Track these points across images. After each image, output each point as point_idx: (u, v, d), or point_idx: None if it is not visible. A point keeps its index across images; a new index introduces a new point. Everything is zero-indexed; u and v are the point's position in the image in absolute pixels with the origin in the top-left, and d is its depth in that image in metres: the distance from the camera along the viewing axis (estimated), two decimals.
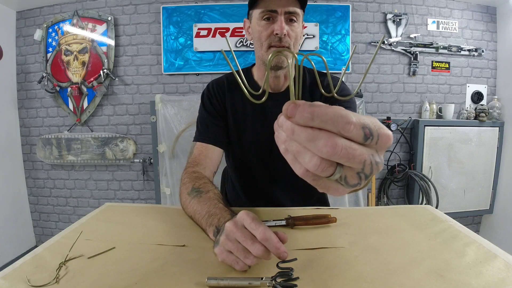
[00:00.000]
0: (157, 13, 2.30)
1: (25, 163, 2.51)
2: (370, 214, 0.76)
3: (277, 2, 0.76)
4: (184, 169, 0.82)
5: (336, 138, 0.24)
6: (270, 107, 0.89)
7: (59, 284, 0.46)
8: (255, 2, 0.79)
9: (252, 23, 0.83)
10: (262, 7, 0.77)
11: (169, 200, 2.24)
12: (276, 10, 0.76)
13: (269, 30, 0.77)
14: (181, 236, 0.63)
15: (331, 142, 0.24)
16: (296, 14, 0.78)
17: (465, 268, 0.48)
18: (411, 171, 2.28)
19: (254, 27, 0.81)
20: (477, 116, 2.31)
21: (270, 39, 0.78)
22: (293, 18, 0.78)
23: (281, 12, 0.76)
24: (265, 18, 0.78)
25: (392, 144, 2.19)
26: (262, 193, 0.94)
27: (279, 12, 0.76)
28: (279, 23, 0.76)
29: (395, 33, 2.32)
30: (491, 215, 2.44)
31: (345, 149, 0.24)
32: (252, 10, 0.82)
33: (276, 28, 0.76)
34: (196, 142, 0.89)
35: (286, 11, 0.76)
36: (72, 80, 2.34)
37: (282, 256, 0.45)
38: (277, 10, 0.76)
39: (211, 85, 0.93)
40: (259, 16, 0.79)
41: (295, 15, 0.78)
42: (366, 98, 2.35)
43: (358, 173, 0.26)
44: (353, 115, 0.24)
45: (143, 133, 2.41)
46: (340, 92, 0.83)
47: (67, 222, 2.51)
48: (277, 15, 0.76)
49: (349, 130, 0.24)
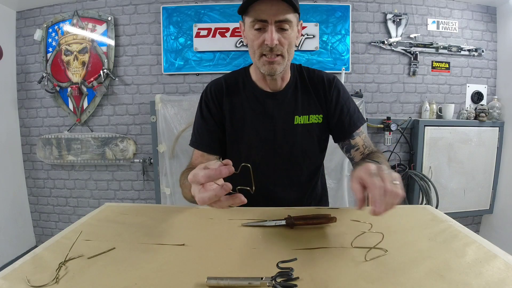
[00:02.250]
0: (157, 13, 2.30)
1: (25, 163, 2.51)
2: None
3: (267, 11, 0.73)
4: (182, 172, 0.87)
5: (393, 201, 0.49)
6: (270, 106, 0.89)
7: (59, 284, 0.46)
8: (245, 9, 0.77)
9: (245, 29, 0.82)
10: (252, 16, 0.76)
11: (169, 200, 2.24)
12: (267, 20, 0.74)
13: (260, 40, 0.76)
14: (181, 236, 0.63)
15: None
16: (287, 21, 0.75)
17: (465, 268, 0.48)
18: (411, 171, 2.28)
19: (247, 34, 0.81)
20: (477, 116, 2.31)
21: (262, 48, 0.77)
22: (284, 26, 0.76)
23: (272, 21, 0.74)
24: (256, 28, 0.76)
25: (392, 144, 2.19)
26: (262, 193, 0.94)
27: (269, 21, 0.74)
28: (270, 33, 0.74)
29: (395, 33, 2.32)
30: (491, 215, 2.44)
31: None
32: (243, 16, 0.81)
33: (266, 39, 0.75)
34: (195, 148, 0.92)
35: (276, 20, 0.74)
36: (72, 80, 2.34)
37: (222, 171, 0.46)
38: (267, 20, 0.74)
39: (209, 88, 0.93)
40: (251, 25, 0.77)
41: (287, 22, 0.75)
42: (366, 98, 2.35)
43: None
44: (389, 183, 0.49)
45: (143, 133, 2.41)
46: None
47: (67, 222, 2.51)
48: (267, 25, 0.75)
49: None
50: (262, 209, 0.79)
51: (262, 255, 0.55)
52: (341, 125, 0.90)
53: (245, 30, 0.83)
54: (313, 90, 0.91)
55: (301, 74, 0.93)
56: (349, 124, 0.90)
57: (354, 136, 0.90)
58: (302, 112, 0.90)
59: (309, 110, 0.91)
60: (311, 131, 0.91)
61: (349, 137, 0.90)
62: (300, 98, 0.91)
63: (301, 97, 0.91)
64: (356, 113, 0.92)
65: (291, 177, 0.93)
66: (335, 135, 0.94)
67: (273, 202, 0.86)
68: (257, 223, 0.70)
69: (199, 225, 0.70)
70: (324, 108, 0.91)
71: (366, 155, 0.88)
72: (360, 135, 0.91)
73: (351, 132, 0.90)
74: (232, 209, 0.81)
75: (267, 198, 0.93)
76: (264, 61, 0.79)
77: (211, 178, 0.47)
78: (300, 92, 0.91)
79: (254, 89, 0.91)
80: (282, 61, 0.80)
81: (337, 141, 0.94)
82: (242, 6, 0.76)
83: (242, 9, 0.77)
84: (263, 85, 0.90)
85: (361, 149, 0.89)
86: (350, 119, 0.90)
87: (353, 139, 0.90)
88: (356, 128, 0.90)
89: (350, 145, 0.91)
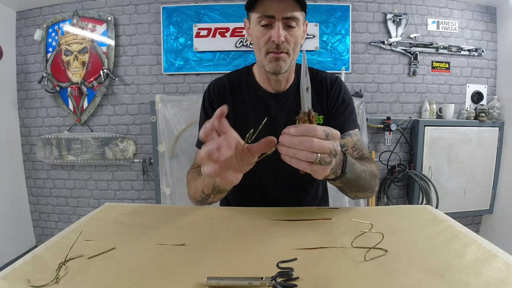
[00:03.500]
0: (157, 13, 2.30)
1: (25, 163, 2.51)
2: (370, 214, 0.76)
3: (274, 7, 0.73)
4: (187, 172, 0.86)
5: (312, 139, 0.45)
6: (273, 107, 0.89)
7: (59, 284, 0.46)
8: (252, 5, 0.76)
9: (251, 26, 0.81)
10: (260, 11, 0.75)
11: (169, 200, 2.24)
12: (274, 16, 0.74)
13: (267, 36, 0.75)
14: (181, 236, 0.63)
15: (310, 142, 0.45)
16: (295, 18, 0.75)
17: (465, 268, 0.48)
18: (411, 171, 2.28)
19: (253, 31, 0.80)
20: (477, 116, 2.31)
21: (268, 45, 0.76)
22: (291, 23, 0.75)
23: (279, 17, 0.73)
24: (263, 24, 0.75)
25: (392, 144, 2.19)
26: (263, 193, 0.94)
27: (276, 17, 0.73)
28: (276, 30, 0.73)
29: (395, 33, 2.32)
30: (491, 215, 2.44)
31: (317, 143, 0.45)
32: (250, 12, 0.80)
33: (273, 35, 0.74)
34: (198, 149, 0.90)
35: (284, 17, 0.74)
36: (72, 80, 2.34)
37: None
38: (274, 15, 0.73)
39: (212, 87, 0.92)
40: (257, 21, 0.76)
41: (294, 19, 0.75)
42: (366, 98, 2.35)
43: (329, 154, 0.47)
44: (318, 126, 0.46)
45: (143, 133, 2.41)
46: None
47: (67, 222, 2.51)
48: (274, 21, 0.74)
49: (316, 134, 0.45)
50: (263, 209, 0.79)
51: (262, 255, 0.55)
52: (334, 125, 0.87)
53: (250, 27, 0.82)
54: (315, 91, 0.90)
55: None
56: (342, 123, 0.87)
57: (344, 135, 0.86)
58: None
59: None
60: None
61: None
62: None
63: None
64: (352, 116, 0.90)
65: (292, 179, 0.93)
66: None
67: (274, 203, 0.86)
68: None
69: (199, 225, 0.70)
70: (325, 109, 0.91)
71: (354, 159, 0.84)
72: (352, 136, 0.87)
73: (342, 132, 0.86)
74: (232, 209, 0.81)
75: (267, 198, 0.93)
76: (271, 58, 0.77)
77: (211, 129, 0.46)
78: None
79: (257, 89, 0.90)
80: (288, 59, 0.79)
81: None
82: (249, 2, 0.75)
83: (249, 5, 0.76)
84: (267, 86, 0.89)
85: (350, 151, 0.85)
86: (345, 119, 0.88)
87: (342, 138, 0.86)
88: (349, 128, 0.87)
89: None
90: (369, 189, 0.76)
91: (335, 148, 0.47)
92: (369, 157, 0.85)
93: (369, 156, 0.85)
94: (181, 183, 2.21)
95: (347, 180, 0.66)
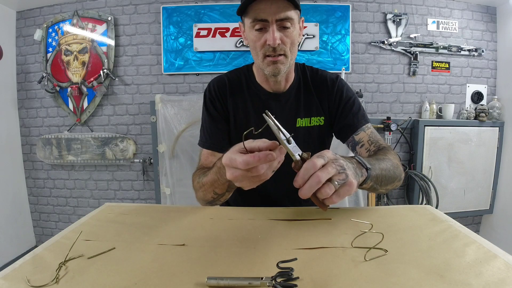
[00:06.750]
0: (157, 13, 2.30)
1: (25, 163, 2.51)
2: (370, 214, 0.76)
3: (267, 10, 0.71)
4: (193, 173, 0.86)
5: (317, 174, 0.48)
6: (274, 108, 0.89)
7: (59, 284, 0.46)
8: (244, 9, 0.75)
9: (246, 30, 0.80)
10: (252, 16, 0.74)
11: (169, 200, 2.24)
12: (267, 19, 0.72)
13: (262, 40, 0.75)
14: (181, 236, 0.63)
15: (317, 178, 0.48)
16: (289, 19, 0.73)
17: (465, 268, 0.48)
18: (411, 171, 2.28)
19: (248, 35, 0.79)
20: (477, 116, 2.31)
21: (265, 49, 0.76)
22: (286, 24, 0.74)
23: (272, 20, 0.72)
24: (257, 28, 0.74)
25: (392, 144, 2.19)
26: (263, 194, 0.94)
27: (270, 21, 0.72)
28: (271, 33, 0.72)
29: (395, 33, 2.32)
30: (491, 215, 2.44)
31: (323, 174, 0.48)
32: (243, 17, 0.79)
33: (268, 39, 0.73)
34: (203, 148, 0.90)
35: (277, 19, 0.72)
36: (72, 80, 2.34)
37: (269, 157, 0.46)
38: (267, 19, 0.72)
39: (212, 86, 0.91)
40: (251, 25, 0.75)
41: (289, 20, 0.74)
42: (366, 98, 2.35)
43: (339, 172, 0.50)
44: (313, 160, 0.49)
45: (143, 133, 2.41)
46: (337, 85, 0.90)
47: (67, 222, 2.51)
48: (268, 24, 0.73)
49: (317, 168, 0.49)
50: (263, 209, 0.79)
51: (262, 255, 0.55)
52: (345, 124, 0.88)
53: (245, 31, 0.81)
54: (315, 91, 0.90)
55: (304, 75, 0.92)
56: (353, 121, 0.87)
57: (357, 132, 0.87)
58: (304, 114, 0.89)
59: (311, 112, 0.89)
60: (313, 133, 0.90)
61: (353, 133, 0.88)
62: (302, 100, 0.90)
63: (303, 99, 0.90)
64: (361, 111, 0.89)
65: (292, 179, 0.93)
66: (341, 135, 0.91)
67: (274, 203, 0.86)
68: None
69: (199, 225, 0.69)
70: (326, 110, 0.90)
71: (373, 152, 0.84)
72: (365, 130, 0.87)
73: (355, 129, 0.87)
74: (232, 209, 0.81)
75: (268, 199, 0.93)
76: (269, 62, 0.77)
77: (249, 165, 0.46)
78: (302, 94, 0.90)
79: (258, 89, 0.90)
80: (286, 61, 0.78)
81: (344, 140, 0.92)
82: (241, 7, 0.74)
83: (241, 10, 0.75)
84: (267, 86, 0.89)
85: (367, 145, 0.85)
86: (354, 117, 0.88)
87: (356, 135, 0.87)
88: (361, 124, 0.87)
89: (354, 141, 0.87)
90: (396, 178, 0.75)
91: (338, 164, 0.49)
92: (386, 146, 0.85)
93: (386, 146, 0.85)
94: (181, 183, 2.21)
95: (375, 177, 0.65)
